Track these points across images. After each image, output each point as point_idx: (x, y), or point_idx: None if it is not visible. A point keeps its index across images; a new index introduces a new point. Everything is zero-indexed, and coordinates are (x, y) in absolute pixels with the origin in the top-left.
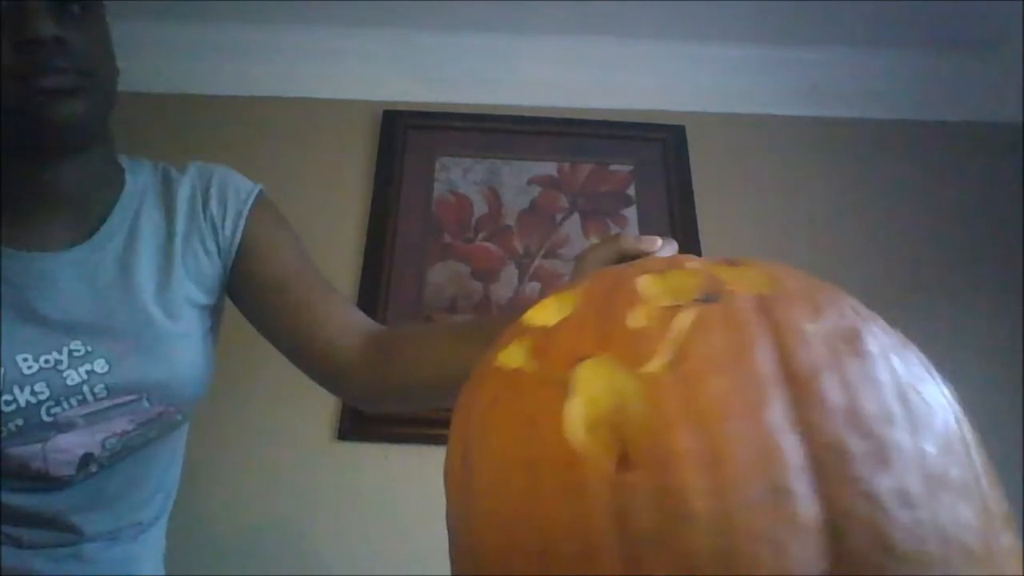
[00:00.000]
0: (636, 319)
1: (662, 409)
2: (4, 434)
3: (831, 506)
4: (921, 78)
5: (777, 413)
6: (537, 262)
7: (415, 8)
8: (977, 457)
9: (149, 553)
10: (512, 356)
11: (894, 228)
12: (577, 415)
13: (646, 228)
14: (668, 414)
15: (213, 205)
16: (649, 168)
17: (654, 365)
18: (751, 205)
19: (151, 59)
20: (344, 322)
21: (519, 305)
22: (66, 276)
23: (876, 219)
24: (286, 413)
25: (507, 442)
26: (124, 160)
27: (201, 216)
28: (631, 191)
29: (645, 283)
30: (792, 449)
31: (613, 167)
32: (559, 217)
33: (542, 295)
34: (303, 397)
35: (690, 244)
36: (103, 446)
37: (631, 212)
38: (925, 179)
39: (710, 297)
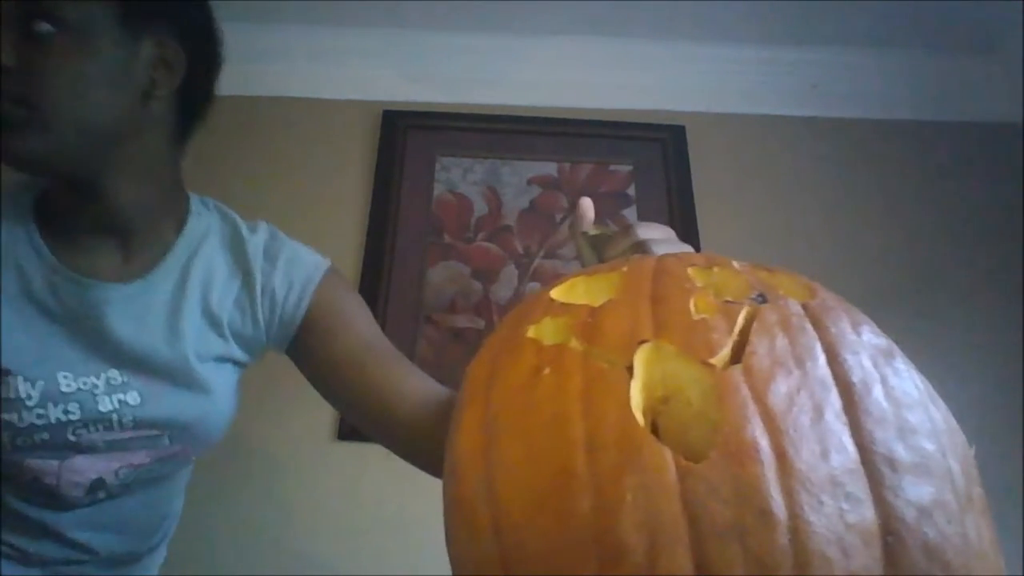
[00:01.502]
0: (698, 309)
1: (734, 402)
2: (28, 445)
3: (885, 512)
4: (921, 78)
5: (835, 417)
6: (537, 262)
7: (415, 8)
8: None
9: (150, 569)
10: (547, 331)
11: (894, 228)
12: (637, 398)
13: None
14: (740, 408)
15: (279, 282)
16: (649, 168)
17: (721, 357)
18: (751, 205)
19: None
20: (416, 394)
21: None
22: (115, 309)
23: (876, 219)
24: (286, 413)
25: (554, 418)
26: (195, 200)
27: (262, 286)
28: (631, 191)
29: (693, 275)
30: (851, 454)
31: (613, 167)
32: (559, 217)
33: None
34: (303, 397)
35: (690, 244)
36: (116, 475)
37: (631, 212)
38: (925, 179)
39: (763, 298)
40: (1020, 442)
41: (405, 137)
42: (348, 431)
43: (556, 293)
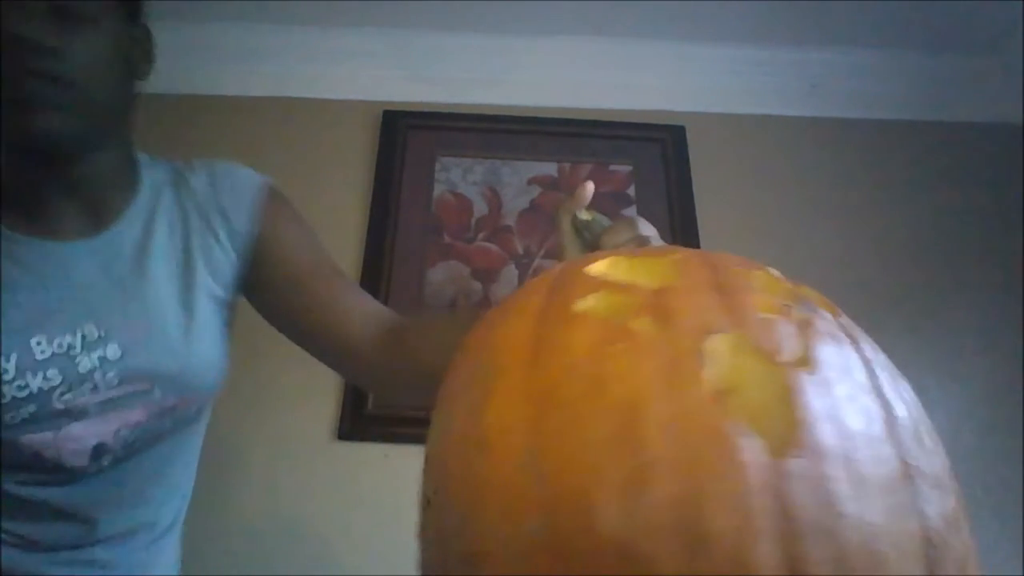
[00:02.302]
0: (760, 307)
1: (810, 403)
2: (18, 421)
3: (923, 522)
4: (921, 78)
5: (880, 428)
6: (537, 262)
7: (415, 8)
8: None
9: (164, 560)
10: (602, 307)
11: (894, 228)
12: (714, 385)
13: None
14: (816, 409)
15: (224, 197)
16: (649, 168)
17: (792, 358)
18: (751, 205)
19: None
20: (361, 314)
21: None
22: (82, 264)
23: (876, 219)
24: (286, 413)
25: (631, 396)
26: (143, 157)
27: (213, 207)
28: (631, 191)
29: (744, 275)
30: (894, 464)
31: (613, 167)
32: None
33: None
34: (303, 397)
35: (690, 244)
36: (116, 436)
37: (631, 212)
38: (925, 179)
39: (809, 307)
40: (1020, 442)
41: (405, 137)
42: (348, 431)
43: (595, 270)
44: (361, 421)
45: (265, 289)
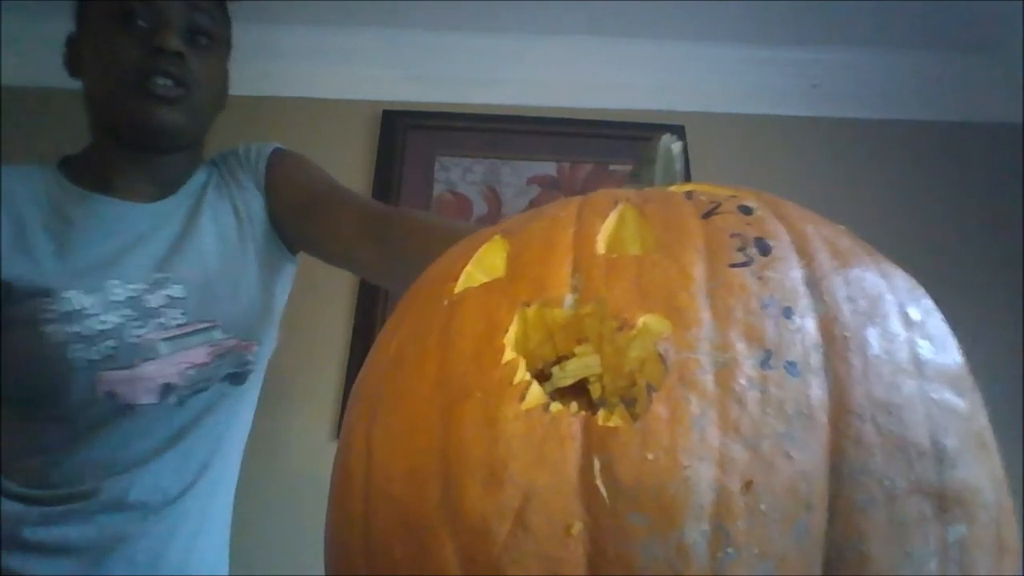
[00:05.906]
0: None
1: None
2: (100, 356)
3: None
4: (921, 78)
5: None
6: None
7: (415, 8)
8: None
9: (211, 539)
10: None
11: (893, 228)
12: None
13: None
14: None
15: (247, 159)
16: None
17: None
18: None
19: None
20: (352, 206)
21: None
22: (147, 222)
23: (875, 219)
24: (286, 413)
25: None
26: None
27: (239, 166)
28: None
29: None
30: None
31: (613, 167)
32: None
33: None
34: (303, 397)
35: None
36: (183, 375)
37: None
38: (925, 179)
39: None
40: (1020, 442)
41: (405, 137)
42: None
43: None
44: None
45: (281, 217)
